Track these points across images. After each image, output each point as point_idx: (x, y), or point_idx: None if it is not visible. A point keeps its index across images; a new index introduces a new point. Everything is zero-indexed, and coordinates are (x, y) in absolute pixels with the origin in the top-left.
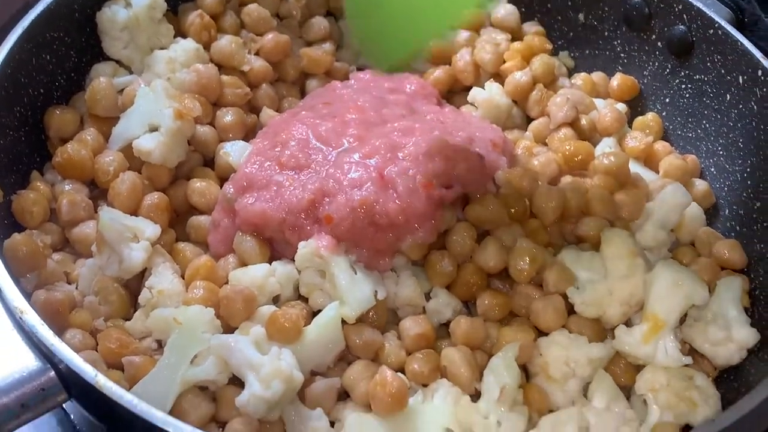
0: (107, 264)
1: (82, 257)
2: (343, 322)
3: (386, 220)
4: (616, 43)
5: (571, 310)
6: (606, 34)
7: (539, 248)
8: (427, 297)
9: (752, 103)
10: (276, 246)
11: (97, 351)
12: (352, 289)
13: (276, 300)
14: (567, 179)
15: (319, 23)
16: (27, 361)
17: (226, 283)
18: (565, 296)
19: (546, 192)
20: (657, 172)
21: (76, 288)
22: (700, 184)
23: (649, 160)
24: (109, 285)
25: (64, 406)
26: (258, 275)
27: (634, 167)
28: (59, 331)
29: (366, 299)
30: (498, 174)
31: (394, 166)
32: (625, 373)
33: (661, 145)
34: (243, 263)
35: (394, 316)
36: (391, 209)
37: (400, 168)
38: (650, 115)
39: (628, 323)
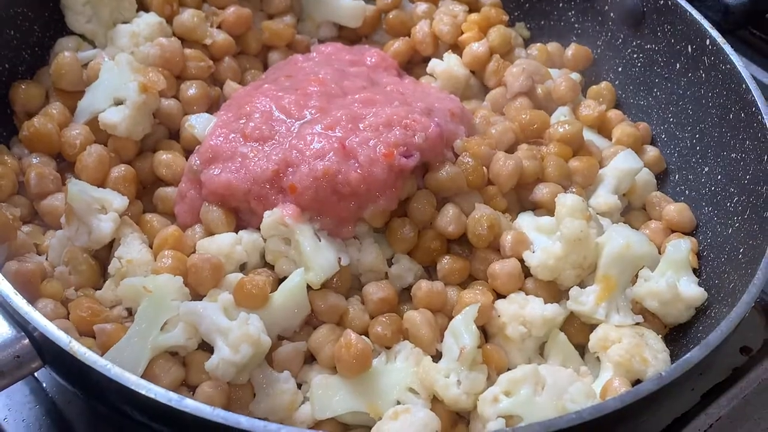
0: (76, 235)
1: (52, 229)
2: (309, 287)
3: (348, 189)
4: (570, 14)
5: (527, 273)
6: (560, 5)
7: (496, 214)
8: (390, 263)
9: (700, 72)
10: (242, 215)
11: (69, 320)
12: (317, 256)
13: (243, 268)
14: (523, 147)
15: None
16: (1, 330)
17: (194, 252)
18: (521, 260)
19: (503, 160)
20: (610, 139)
21: (46, 259)
22: (651, 150)
23: (603, 128)
24: (78, 255)
25: (36, 374)
26: (225, 244)
27: (588, 135)
28: (31, 301)
29: (330, 265)
30: (456, 143)
31: (355, 137)
32: (578, 332)
33: (614, 113)
34: (210, 233)
35: (357, 281)
36: (353, 178)
37: (361, 138)
38: (603, 84)
39: (582, 285)
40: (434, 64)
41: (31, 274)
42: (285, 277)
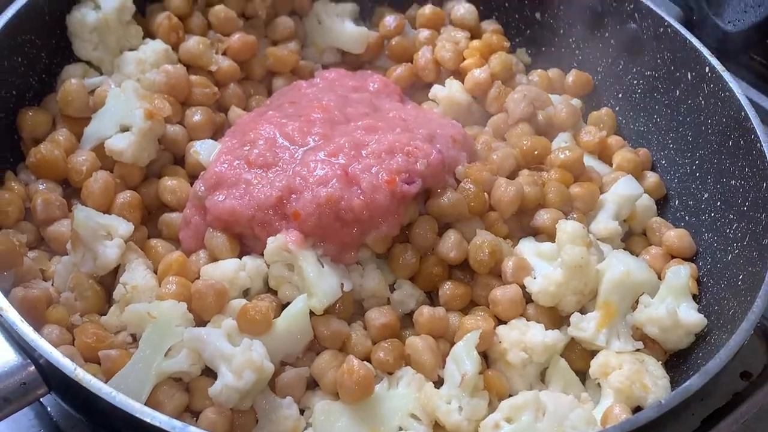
0: (82, 261)
1: (57, 255)
2: (311, 313)
3: (351, 215)
4: (570, 40)
5: (528, 298)
6: (561, 32)
7: (498, 240)
8: (392, 288)
9: (700, 99)
10: (245, 241)
11: (74, 346)
12: (320, 282)
13: (246, 293)
14: (524, 173)
15: (285, 23)
16: (8, 357)
17: (198, 278)
18: (522, 286)
19: (504, 186)
20: (610, 165)
21: (52, 285)
22: (651, 176)
23: (603, 154)
24: (84, 281)
25: (42, 399)
26: (229, 270)
27: (589, 161)
28: (37, 327)
29: (333, 291)
30: (458, 169)
31: (357, 164)
32: (579, 359)
33: (614, 140)
34: (214, 258)
35: (359, 307)
36: (356, 205)
37: (363, 165)
38: (604, 110)
39: (583, 311)
40: (436, 90)
41: (37, 301)
42: (288, 303)
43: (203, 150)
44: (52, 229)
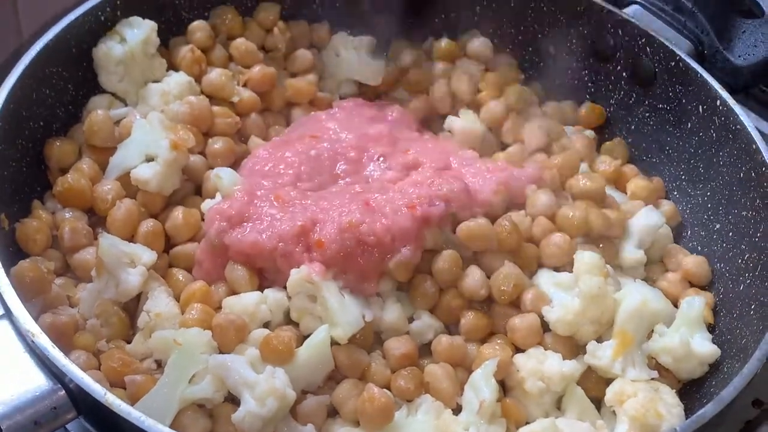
0: (105, 288)
1: (83, 282)
2: (332, 342)
3: (373, 239)
4: (584, 73)
5: (546, 327)
6: (574, 64)
7: (521, 273)
8: (410, 319)
9: (711, 131)
10: (266, 274)
11: (100, 371)
12: (343, 313)
13: (266, 325)
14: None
15: (303, 55)
16: (38, 381)
17: (220, 307)
18: (540, 314)
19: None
20: (624, 193)
21: (78, 311)
22: (666, 204)
23: (617, 183)
24: (109, 308)
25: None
26: (250, 303)
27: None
28: (65, 353)
29: (356, 321)
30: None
31: (381, 196)
32: (595, 386)
33: (628, 168)
34: (233, 291)
35: (377, 336)
36: (378, 228)
37: (386, 197)
38: (616, 140)
39: (599, 339)
40: (451, 121)
41: (65, 327)
42: (309, 334)
43: (225, 176)
44: (78, 256)
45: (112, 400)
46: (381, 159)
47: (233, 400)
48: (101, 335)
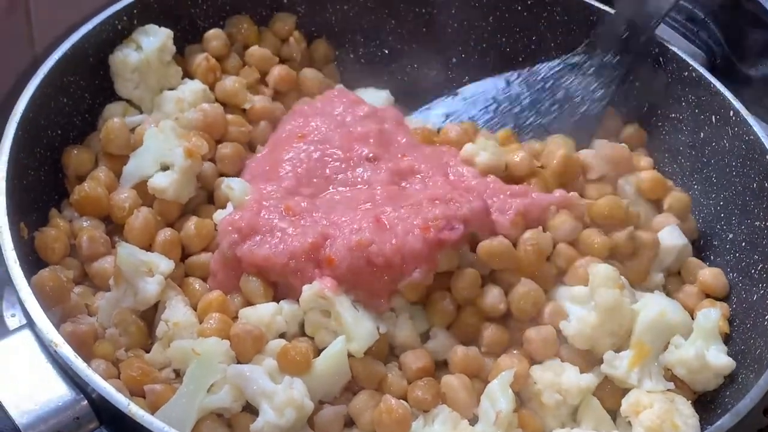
0: (124, 297)
1: (101, 290)
2: (349, 354)
3: (382, 260)
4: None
5: (562, 339)
6: None
7: (539, 289)
8: (426, 336)
9: (724, 141)
10: (279, 288)
11: (120, 380)
12: (357, 326)
13: (282, 336)
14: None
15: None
16: (61, 391)
17: (236, 317)
18: (558, 328)
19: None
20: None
21: (97, 320)
22: (689, 220)
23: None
24: (128, 317)
25: None
26: (266, 313)
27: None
28: (86, 362)
29: (371, 334)
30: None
31: (393, 211)
32: (611, 397)
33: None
34: (248, 302)
35: (392, 349)
36: (388, 250)
37: (399, 214)
38: (635, 127)
39: (617, 349)
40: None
41: (86, 335)
42: (324, 348)
43: (236, 187)
44: (96, 265)
45: (135, 410)
46: (371, 160)
47: (251, 410)
48: (120, 344)
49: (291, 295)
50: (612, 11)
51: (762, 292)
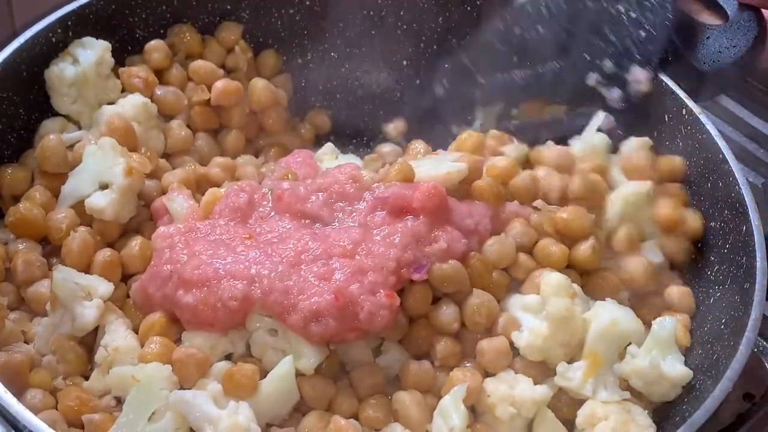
0: (61, 322)
1: (38, 316)
2: (298, 374)
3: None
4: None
5: (516, 351)
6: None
7: (493, 300)
8: (379, 350)
9: (678, 141)
10: None
11: (57, 410)
12: (306, 342)
13: (228, 357)
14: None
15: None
16: None
17: (179, 339)
18: (511, 339)
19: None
20: None
21: (34, 347)
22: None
23: None
24: (65, 344)
25: None
26: (211, 335)
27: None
28: (20, 391)
29: (320, 350)
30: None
31: (356, 284)
32: (566, 408)
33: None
34: None
35: (343, 366)
36: (350, 336)
37: (362, 287)
38: None
39: (570, 360)
40: None
41: (20, 365)
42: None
43: (177, 202)
44: (32, 290)
45: None
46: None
47: None
48: (58, 372)
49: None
50: None
51: (718, 294)
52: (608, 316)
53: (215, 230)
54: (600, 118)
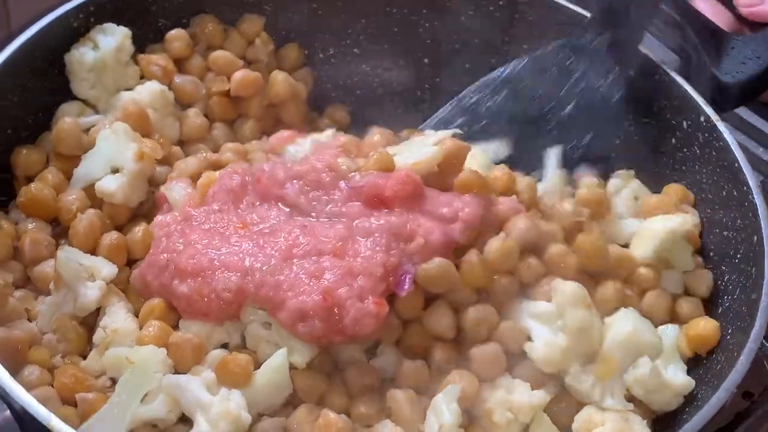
0: (64, 302)
1: (43, 294)
2: (291, 367)
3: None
4: None
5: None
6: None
7: (494, 312)
8: (373, 352)
9: (695, 148)
10: None
11: (53, 387)
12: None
13: (225, 346)
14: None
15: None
16: None
17: (177, 326)
18: (520, 351)
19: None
20: None
21: (36, 325)
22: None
23: None
24: (67, 323)
25: None
26: (206, 324)
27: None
28: (18, 368)
29: (311, 347)
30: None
31: (345, 287)
32: (564, 414)
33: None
34: None
35: (336, 363)
36: (337, 339)
37: (351, 291)
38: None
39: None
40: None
41: (20, 341)
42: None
43: (175, 191)
44: (37, 269)
45: (56, 424)
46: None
47: (187, 423)
48: (58, 351)
49: None
50: None
51: (727, 304)
52: (630, 324)
53: (210, 218)
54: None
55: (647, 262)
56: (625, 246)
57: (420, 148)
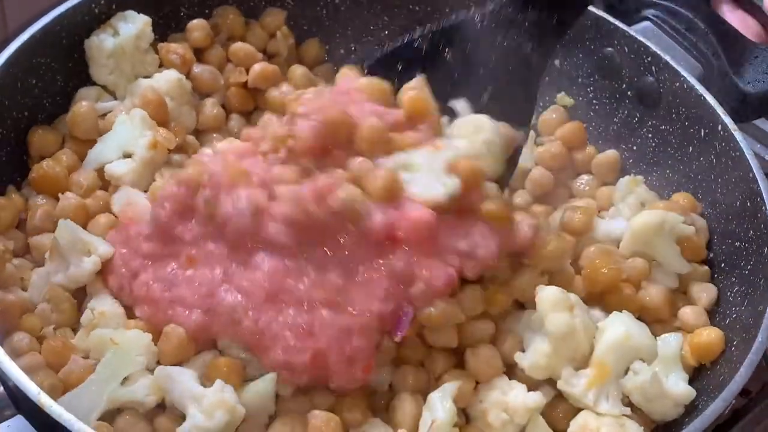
0: (56, 271)
1: (39, 266)
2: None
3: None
4: (589, 89)
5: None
6: (580, 81)
7: (497, 355)
8: None
9: (712, 157)
10: None
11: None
12: None
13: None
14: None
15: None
16: None
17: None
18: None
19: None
20: None
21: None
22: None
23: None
24: (59, 293)
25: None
26: None
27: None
28: (8, 333)
29: None
30: None
31: (336, 350)
32: (561, 418)
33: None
34: None
35: None
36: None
37: (341, 354)
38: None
39: (577, 368)
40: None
41: (11, 306)
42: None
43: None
44: (37, 238)
45: (45, 401)
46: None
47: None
48: (50, 321)
49: None
50: None
51: (734, 315)
52: (623, 328)
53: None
54: None
55: (627, 255)
56: None
57: (436, 178)
